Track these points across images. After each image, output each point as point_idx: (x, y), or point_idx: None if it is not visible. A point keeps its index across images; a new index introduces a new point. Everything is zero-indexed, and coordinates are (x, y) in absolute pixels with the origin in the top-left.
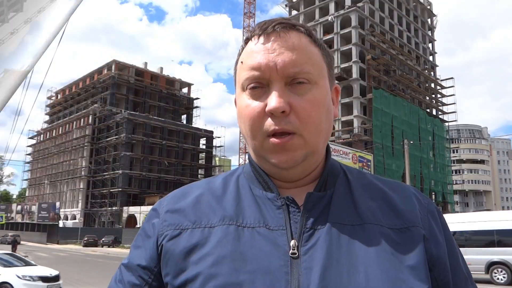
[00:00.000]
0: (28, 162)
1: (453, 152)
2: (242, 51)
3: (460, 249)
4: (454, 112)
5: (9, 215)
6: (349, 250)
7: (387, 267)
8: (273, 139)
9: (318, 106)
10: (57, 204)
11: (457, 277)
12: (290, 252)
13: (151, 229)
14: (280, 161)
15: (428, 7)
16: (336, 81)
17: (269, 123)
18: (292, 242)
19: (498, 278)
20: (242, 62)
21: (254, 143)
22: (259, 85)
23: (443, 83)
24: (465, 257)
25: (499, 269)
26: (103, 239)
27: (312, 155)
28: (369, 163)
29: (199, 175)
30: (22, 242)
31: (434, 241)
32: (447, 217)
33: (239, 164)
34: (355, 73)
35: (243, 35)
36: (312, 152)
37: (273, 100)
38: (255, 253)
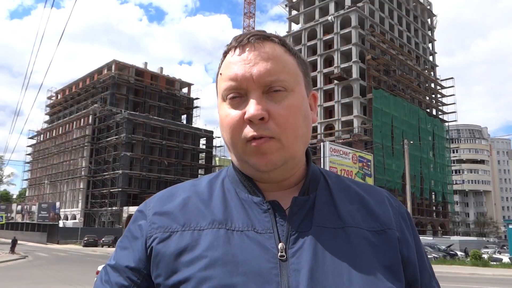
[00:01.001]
0: (28, 162)
1: (453, 152)
2: (221, 64)
3: None
4: (454, 112)
5: (9, 215)
6: (333, 252)
7: (367, 268)
8: (253, 142)
9: (295, 112)
10: (57, 204)
11: (423, 275)
12: (278, 254)
13: (138, 230)
14: (260, 164)
15: (428, 7)
16: (336, 81)
17: (248, 130)
18: (280, 245)
19: None
20: (221, 73)
21: (236, 149)
22: (238, 95)
23: (443, 83)
24: None
25: None
26: (103, 239)
27: (291, 159)
28: (369, 163)
29: (199, 175)
30: (22, 242)
31: (405, 242)
32: None
33: None
34: (355, 73)
35: None
36: (291, 156)
37: (251, 108)
38: (246, 256)
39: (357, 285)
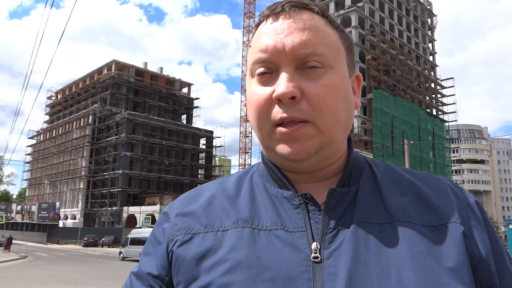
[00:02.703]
0: (28, 162)
1: (453, 152)
2: (253, 37)
3: None
4: (454, 112)
5: (9, 215)
6: (378, 252)
7: (423, 270)
8: (280, 128)
9: (334, 93)
10: (57, 204)
11: (505, 279)
12: (311, 256)
13: (161, 234)
14: (290, 153)
15: (428, 7)
16: None
17: (276, 111)
18: (314, 245)
19: None
20: (250, 46)
21: (261, 134)
22: (267, 70)
23: (443, 83)
24: None
25: None
26: (103, 239)
27: (328, 146)
28: None
29: (199, 175)
30: (22, 242)
31: (475, 238)
32: None
33: (239, 164)
34: None
35: (243, 35)
36: (329, 142)
37: (282, 85)
38: (273, 258)
39: None
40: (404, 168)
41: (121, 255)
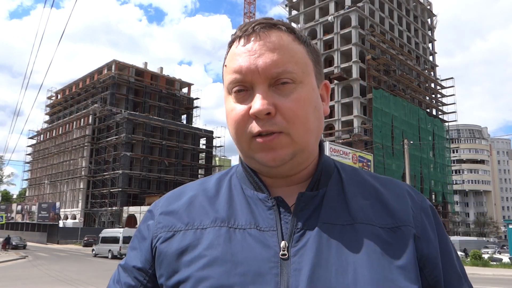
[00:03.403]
0: (28, 162)
1: (453, 152)
2: (226, 55)
3: None
4: (454, 112)
5: (9, 215)
6: (338, 251)
7: (376, 268)
8: (259, 139)
9: (304, 105)
10: (57, 204)
11: (450, 275)
12: (280, 253)
13: (146, 230)
14: (268, 160)
15: (428, 7)
16: (336, 81)
17: (253, 126)
18: (282, 243)
19: None
20: (226, 65)
21: (241, 145)
22: (243, 88)
23: (443, 83)
24: None
25: None
26: None
27: (301, 153)
28: (369, 163)
29: (199, 175)
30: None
31: (425, 240)
32: None
33: None
34: (355, 73)
35: None
36: (301, 150)
37: (257, 103)
38: (246, 255)
39: (363, 285)
40: (369, 172)
41: (93, 252)
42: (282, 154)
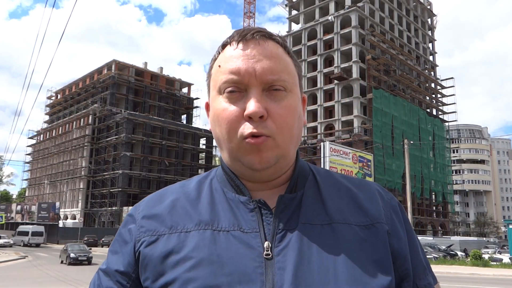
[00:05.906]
0: (28, 162)
1: (453, 152)
2: (218, 56)
3: None
4: (454, 112)
5: (9, 215)
6: (319, 249)
7: (353, 263)
8: (249, 139)
9: (292, 113)
10: (57, 204)
11: (417, 268)
12: (264, 253)
13: (127, 234)
14: (254, 162)
15: (428, 7)
16: (336, 81)
17: (247, 127)
18: (266, 244)
19: None
20: (220, 66)
21: (230, 146)
22: (236, 90)
23: (443, 83)
24: None
25: None
26: (103, 239)
27: (283, 158)
28: (369, 163)
29: None
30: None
31: (396, 235)
32: None
33: None
34: (355, 73)
35: None
36: (284, 155)
37: (252, 105)
38: (231, 256)
39: (343, 280)
40: (341, 175)
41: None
42: (268, 157)
